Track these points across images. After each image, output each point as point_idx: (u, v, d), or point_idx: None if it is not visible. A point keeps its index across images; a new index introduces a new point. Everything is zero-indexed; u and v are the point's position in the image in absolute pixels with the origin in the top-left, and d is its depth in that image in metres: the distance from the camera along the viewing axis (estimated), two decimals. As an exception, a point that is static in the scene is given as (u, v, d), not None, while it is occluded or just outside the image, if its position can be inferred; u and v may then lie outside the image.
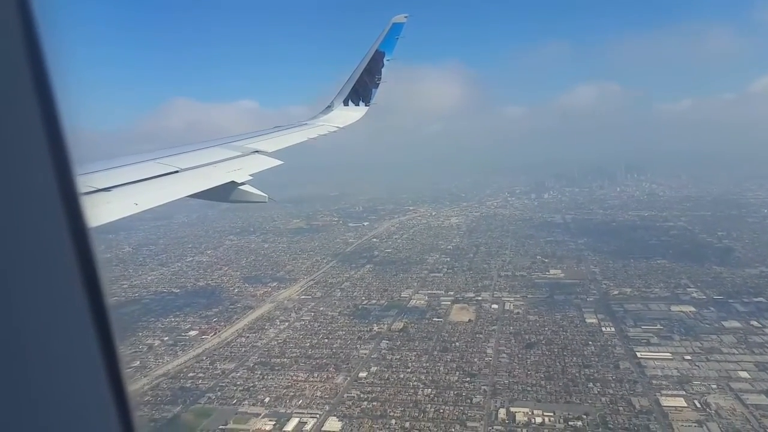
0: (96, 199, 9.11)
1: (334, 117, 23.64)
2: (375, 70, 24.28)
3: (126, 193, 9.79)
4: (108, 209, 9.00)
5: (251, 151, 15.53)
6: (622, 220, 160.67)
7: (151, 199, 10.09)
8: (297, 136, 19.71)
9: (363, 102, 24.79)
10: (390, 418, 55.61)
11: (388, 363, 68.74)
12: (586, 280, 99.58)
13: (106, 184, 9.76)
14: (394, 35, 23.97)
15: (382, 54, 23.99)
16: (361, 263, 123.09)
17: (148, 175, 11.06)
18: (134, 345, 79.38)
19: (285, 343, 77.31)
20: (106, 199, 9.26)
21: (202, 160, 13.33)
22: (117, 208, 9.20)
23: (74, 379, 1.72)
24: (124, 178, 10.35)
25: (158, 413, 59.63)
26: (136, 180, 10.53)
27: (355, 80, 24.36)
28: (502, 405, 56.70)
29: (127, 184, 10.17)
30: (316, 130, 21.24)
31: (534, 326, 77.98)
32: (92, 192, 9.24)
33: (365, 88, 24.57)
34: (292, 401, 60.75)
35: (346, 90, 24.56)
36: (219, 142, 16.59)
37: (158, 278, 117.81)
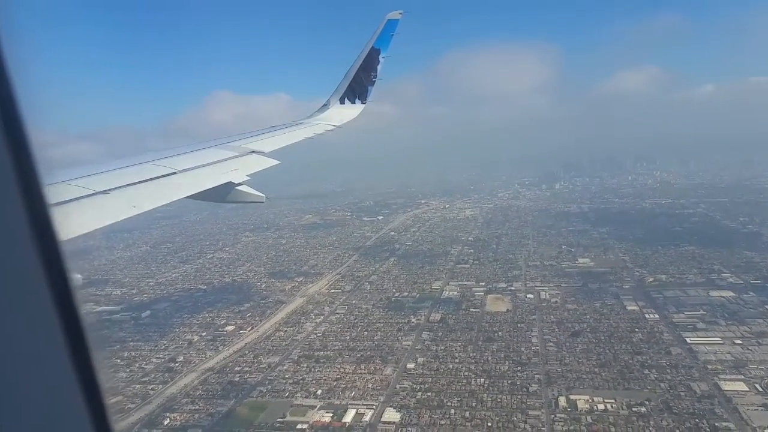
0: (95, 201, 9.19)
1: (331, 115, 23.62)
2: (371, 67, 24.07)
3: (124, 196, 9.87)
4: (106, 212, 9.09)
5: (248, 152, 15.50)
6: (641, 209, 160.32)
7: (149, 201, 10.15)
8: (293, 135, 19.69)
9: (359, 100, 24.64)
10: (448, 408, 55.25)
11: (434, 354, 68.36)
12: (618, 268, 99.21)
13: (105, 186, 9.77)
14: (389, 32, 23.78)
15: (377, 51, 23.78)
16: (384, 256, 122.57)
17: (145, 177, 11.11)
18: (174, 341, 78.99)
19: (325, 337, 76.85)
20: (104, 202, 9.31)
21: (198, 162, 13.36)
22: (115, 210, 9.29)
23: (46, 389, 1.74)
24: (122, 181, 10.40)
25: (212, 407, 59.25)
26: (133, 182, 10.58)
27: (351, 78, 24.12)
28: (559, 393, 56.33)
29: (125, 186, 10.25)
30: (312, 129, 21.22)
31: (574, 315, 77.61)
32: (91, 195, 9.28)
33: (361, 85, 24.38)
34: (344, 393, 60.35)
35: (342, 88, 24.35)
36: (215, 142, 16.58)
37: (182, 275, 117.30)
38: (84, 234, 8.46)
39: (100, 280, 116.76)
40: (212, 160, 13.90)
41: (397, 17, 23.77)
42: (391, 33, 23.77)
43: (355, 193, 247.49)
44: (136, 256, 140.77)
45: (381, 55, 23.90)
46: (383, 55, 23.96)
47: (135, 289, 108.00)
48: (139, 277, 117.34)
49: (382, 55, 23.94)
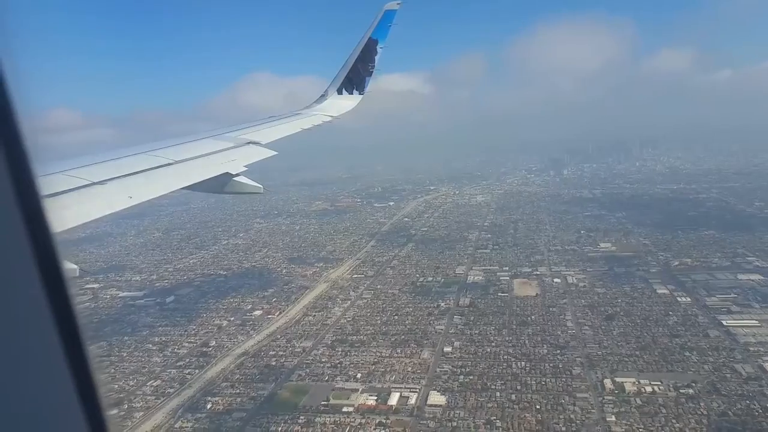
0: (92, 192, 9.12)
1: (328, 106, 23.43)
2: (368, 58, 23.82)
3: (121, 186, 9.80)
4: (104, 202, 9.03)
5: (245, 142, 15.47)
6: (653, 194, 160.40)
7: (146, 192, 10.10)
8: (291, 126, 19.56)
9: (357, 90, 24.38)
10: (493, 390, 55.20)
11: (469, 338, 68.26)
12: (641, 253, 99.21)
13: (101, 177, 9.69)
14: (387, 22, 23.50)
15: (375, 41, 23.55)
16: (402, 242, 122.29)
17: (142, 168, 11.03)
18: (203, 326, 78.71)
19: (355, 321, 76.63)
20: (101, 193, 9.23)
21: (195, 152, 13.30)
22: (112, 201, 9.21)
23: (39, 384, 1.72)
24: (118, 172, 10.34)
25: (253, 391, 59.08)
26: (130, 173, 10.52)
27: (348, 68, 23.88)
28: (604, 376, 56.28)
29: (122, 177, 10.19)
30: (310, 119, 21.09)
31: (605, 299, 77.60)
32: (88, 185, 9.20)
33: (359, 76, 24.12)
34: (384, 376, 60.21)
35: (340, 78, 24.12)
36: (212, 133, 16.51)
37: (200, 261, 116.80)
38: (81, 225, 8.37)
39: (118, 266, 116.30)
40: (209, 151, 13.83)
41: (395, 8, 23.52)
42: (389, 24, 23.57)
43: (362, 179, 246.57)
44: (149, 243, 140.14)
45: (379, 45, 23.71)
46: (381, 46, 23.76)
47: (154, 275, 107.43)
48: (156, 263, 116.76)
49: (380, 46, 23.74)
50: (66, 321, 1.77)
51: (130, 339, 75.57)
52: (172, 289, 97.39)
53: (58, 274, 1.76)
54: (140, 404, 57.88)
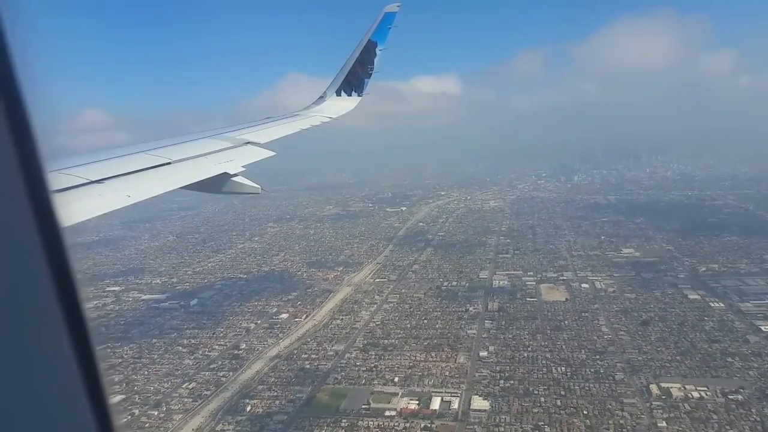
0: (89, 191, 9.04)
1: (327, 107, 23.34)
2: (367, 60, 23.76)
3: (119, 185, 9.73)
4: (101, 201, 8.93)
5: (243, 143, 15.39)
6: (669, 200, 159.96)
7: (144, 191, 10.02)
8: (289, 127, 19.52)
9: (355, 92, 24.34)
10: (536, 396, 54.63)
11: (503, 342, 67.72)
12: (666, 258, 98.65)
13: (99, 176, 9.62)
14: (387, 25, 23.42)
15: (374, 44, 23.49)
16: (420, 246, 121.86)
17: (140, 166, 11.01)
18: (231, 328, 78.22)
19: (384, 325, 76.09)
20: (98, 191, 9.14)
21: (193, 152, 13.24)
22: (110, 200, 9.12)
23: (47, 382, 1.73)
24: (116, 170, 10.28)
25: (290, 394, 58.58)
26: (128, 172, 10.48)
27: (347, 70, 23.79)
28: (648, 381, 55.67)
29: (120, 175, 10.12)
30: (308, 120, 21.05)
31: (637, 304, 77.09)
32: (85, 184, 9.13)
33: (357, 78, 24.06)
34: (422, 381, 59.68)
35: (339, 80, 24.03)
36: (210, 133, 16.45)
37: (218, 265, 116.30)
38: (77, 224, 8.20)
39: (136, 269, 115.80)
40: (207, 151, 13.73)
41: (395, 10, 23.44)
42: (389, 26, 23.45)
43: (370, 184, 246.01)
44: (165, 246, 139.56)
45: (378, 47, 23.57)
46: (380, 48, 23.61)
47: (174, 278, 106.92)
48: (175, 266, 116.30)
49: (379, 48, 23.59)
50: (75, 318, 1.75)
51: (159, 341, 74.97)
52: (194, 292, 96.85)
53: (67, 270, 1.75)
54: (178, 406, 57.27)
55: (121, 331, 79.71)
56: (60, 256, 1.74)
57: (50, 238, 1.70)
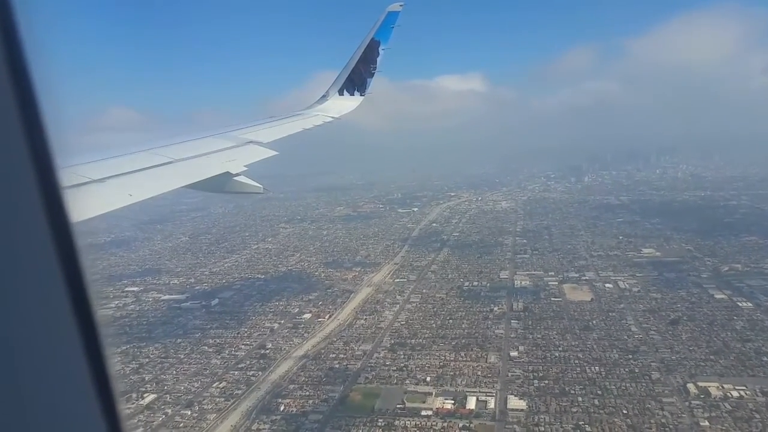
0: (90, 190, 9.01)
1: (329, 107, 23.33)
2: (370, 59, 23.75)
3: (120, 184, 9.70)
4: (102, 200, 8.92)
5: (245, 142, 15.40)
6: (683, 201, 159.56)
7: (146, 190, 9.95)
8: (291, 126, 19.54)
9: (358, 91, 24.35)
10: (573, 395, 54.25)
11: (533, 342, 67.34)
12: (687, 258, 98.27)
13: (101, 175, 9.60)
14: (390, 24, 23.44)
15: (377, 43, 23.55)
16: (436, 247, 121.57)
17: (142, 165, 10.96)
18: (254, 328, 77.95)
19: (409, 325, 75.73)
20: (100, 190, 9.14)
21: (196, 151, 13.25)
22: (111, 199, 9.09)
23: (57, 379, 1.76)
24: (118, 169, 10.24)
25: (323, 393, 58.20)
26: (130, 171, 10.46)
27: (350, 69, 23.81)
28: (685, 380, 55.24)
29: (122, 174, 10.10)
30: (311, 120, 21.08)
31: (663, 304, 76.69)
32: (87, 183, 9.08)
33: (360, 77, 24.05)
34: (455, 380, 59.30)
35: (342, 79, 24.02)
36: (213, 132, 16.52)
37: (234, 265, 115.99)
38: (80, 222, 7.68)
39: (152, 269, 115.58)
40: (210, 150, 13.80)
41: (398, 9, 23.39)
42: (392, 25, 23.47)
43: (378, 186, 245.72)
44: (178, 247, 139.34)
45: (381, 47, 23.58)
46: (383, 47, 23.62)
47: (192, 279, 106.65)
48: (191, 267, 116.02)
49: (383, 47, 23.60)
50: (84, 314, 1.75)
51: (184, 341, 74.68)
52: (213, 293, 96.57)
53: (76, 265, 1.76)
54: (211, 406, 56.97)
55: (145, 331, 79.48)
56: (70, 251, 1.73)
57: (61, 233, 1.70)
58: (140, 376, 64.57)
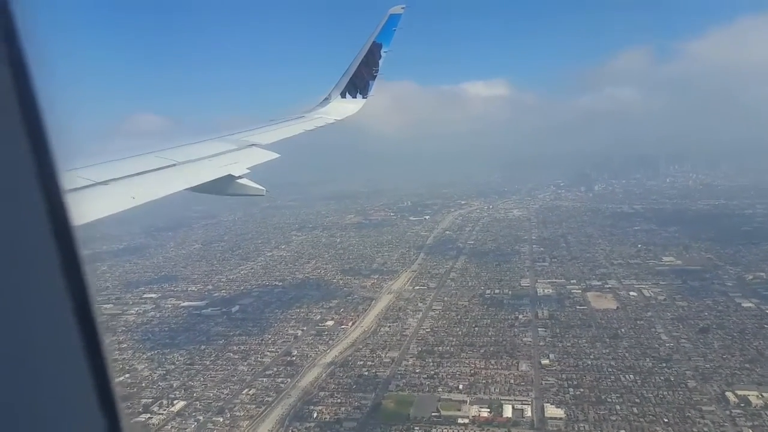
0: (93, 192, 9.00)
1: (331, 109, 23.33)
2: (372, 61, 23.80)
3: (123, 187, 9.72)
4: (105, 203, 8.92)
5: (247, 145, 15.51)
6: (697, 209, 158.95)
7: (149, 193, 9.98)
8: (293, 128, 19.60)
9: (360, 94, 24.37)
10: (611, 403, 53.65)
11: (563, 350, 66.74)
12: (709, 267, 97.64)
13: (104, 177, 9.61)
14: (392, 26, 23.52)
15: (379, 46, 23.68)
16: (452, 255, 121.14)
17: (145, 168, 10.99)
18: (278, 335, 77.51)
19: (434, 332, 75.21)
20: (103, 193, 9.14)
21: (198, 154, 13.32)
22: (114, 201, 9.10)
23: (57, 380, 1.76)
24: (121, 171, 10.27)
25: (355, 401, 57.65)
26: (133, 173, 10.46)
27: (352, 72, 23.82)
28: (722, 389, 54.60)
29: (125, 177, 10.10)
30: (313, 122, 21.15)
31: (690, 312, 76.11)
32: (90, 185, 9.08)
33: (362, 80, 24.09)
34: (488, 388, 58.70)
35: (344, 82, 24.03)
36: (215, 135, 16.65)
37: (251, 272, 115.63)
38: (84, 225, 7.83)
39: (168, 276, 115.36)
40: (212, 153, 13.83)
41: (399, 12, 23.50)
42: (393, 28, 23.51)
43: (386, 194, 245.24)
44: (192, 254, 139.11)
45: (383, 49, 23.65)
46: (385, 50, 23.68)
47: (210, 286, 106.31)
48: (207, 274, 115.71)
49: (384, 50, 23.67)
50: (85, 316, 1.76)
51: (208, 348, 74.23)
52: (233, 299, 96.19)
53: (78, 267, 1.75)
54: (242, 413, 56.46)
55: (168, 337, 79.06)
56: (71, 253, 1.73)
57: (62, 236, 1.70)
58: (168, 382, 64.07)
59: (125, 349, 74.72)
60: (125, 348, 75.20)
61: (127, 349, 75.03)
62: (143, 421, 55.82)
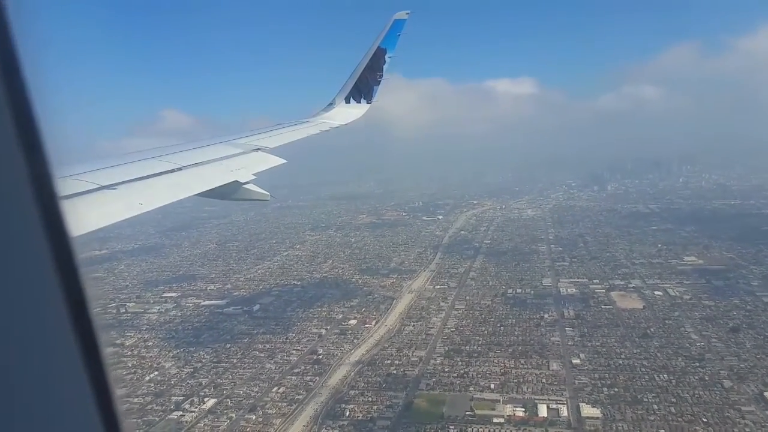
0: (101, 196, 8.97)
1: (336, 114, 23.47)
2: (377, 67, 23.82)
3: (131, 191, 9.73)
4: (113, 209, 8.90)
5: (253, 149, 15.58)
6: (713, 209, 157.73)
7: (156, 199, 9.96)
8: (298, 133, 19.77)
9: (365, 99, 24.37)
10: (647, 403, 53.11)
11: (593, 350, 66.25)
12: (731, 266, 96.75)
13: (110, 181, 9.58)
14: (396, 32, 23.55)
15: (383, 51, 23.57)
16: (470, 254, 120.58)
17: (151, 172, 11.01)
18: (302, 334, 77.30)
19: (460, 332, 74.83)
20: (111, 198, 9.11)
21: (204, 158, 13.34)
22: (122, 207, 9.08)
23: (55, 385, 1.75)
24: (128, 175, 10.28)
25: (386, 399, 57.46)
26: (140, 177, 10.50)
27: (356, 77, 23.89)
28: (759, 389, 54.02)
29: (132, 181, 10.14)
30: (317, 127, 21.30)
31: (718, 311, 75.40)
32: (96, 189, 9.04)
33: (367, 85, 24.20)
34: (520, 387, 58.27)
35: (348, 87, 24.10)
36: (221, 139, 16.74)
37: (268, 272, 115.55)
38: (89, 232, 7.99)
39: (186, 275, 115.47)
40: (218, 157, 13.88)
41: (404, 17, 23.50)
42: (398, 33, 23.59)
43: (396, 194, 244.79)
44: (207, 254, 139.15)
45: (387, 54, 23.69)
46: (389, 55, 23.71)
47: (228, 285, 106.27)
48: (224, 273, 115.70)
49: (389, 55, 23.70)
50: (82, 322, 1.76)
51: (233, 346, 74.12)
52: (253, 298, 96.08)
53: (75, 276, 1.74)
54: (274, 410, 56.24)
55: (192, 336, 78.97)
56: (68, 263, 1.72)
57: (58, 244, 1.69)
58: (197, 380, 63.98)
59: (151, 347, 74.70)
60: (151, 346, 75.17)
61: (153, 347, 74.99)
62: (176, 418, 55.69)
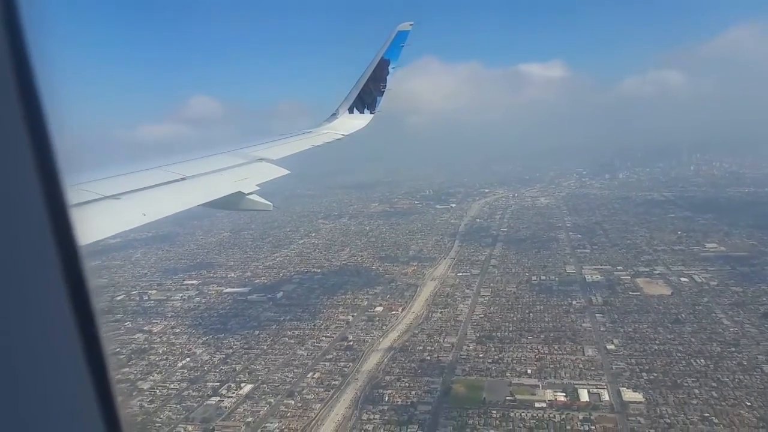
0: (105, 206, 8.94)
1: (339, 124, 23.76)
2: (380, 77, 24.01)
3: (135, 202, 9.73)
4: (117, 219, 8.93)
5: (256, 159, 15.80)
6: (728, 197, 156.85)
7: (160, 209, 10.01)
8: (301, 143, 19.99)
9: (368, 110, 24.58)
10: (688, 387, 52.96)
11: (626, 335, 66.08)
12: (755, 253, 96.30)
13: (115, 191, 9.60)
14: (399, 43, 23.73)
15: (387, 62, 23.72)
16: (488, 242, 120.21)
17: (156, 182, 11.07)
18: (329, 320, 77.25)
19: (489, 318, 74.65)
20: (115, 208, 9.11)
21: (208, 168, 13.56)
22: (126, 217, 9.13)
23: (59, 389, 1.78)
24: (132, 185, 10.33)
25: (424, 385, 57.32)
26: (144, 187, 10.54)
27: (360, 88, 24.08)
28: (801, 373, 53.68)
29: (136, 191, 10.18)
30: (320, 137, 21.56)
31: (747, 297, 75.11)
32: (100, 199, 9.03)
33: (370, 95, 24.31)
34: (558, 372, 58.17)
35: (351, 97, 24.30)
36: (224, 149, 17.01)
37: (286, 259, 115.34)
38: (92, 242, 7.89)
39: (204, 263, 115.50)
40: (221, 167, 14.06)
41: (407, 29, 23.69)
42: (401, 44, 23.76)
43: (405, 183, 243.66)
44: (222, 242, 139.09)
45: (390, 65, 23.86)
46: (393, 66, 23.88)
47: (248, 272, 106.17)
48: (242, 261, 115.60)
49: (392, 66, 23.87)
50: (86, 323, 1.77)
51: (262, 333, 74.03)
52: (275, 286, 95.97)
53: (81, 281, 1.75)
54: (312, 396, 56.22)
55: (219, 323, 78.94)
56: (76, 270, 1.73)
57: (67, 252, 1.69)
58: (230, 366, 64.00)
59: (179, 334, 74.70)
60: (179, 333, 75.18)
61: (181, 333, 75.00)
62: (213, 404, 55.71)
